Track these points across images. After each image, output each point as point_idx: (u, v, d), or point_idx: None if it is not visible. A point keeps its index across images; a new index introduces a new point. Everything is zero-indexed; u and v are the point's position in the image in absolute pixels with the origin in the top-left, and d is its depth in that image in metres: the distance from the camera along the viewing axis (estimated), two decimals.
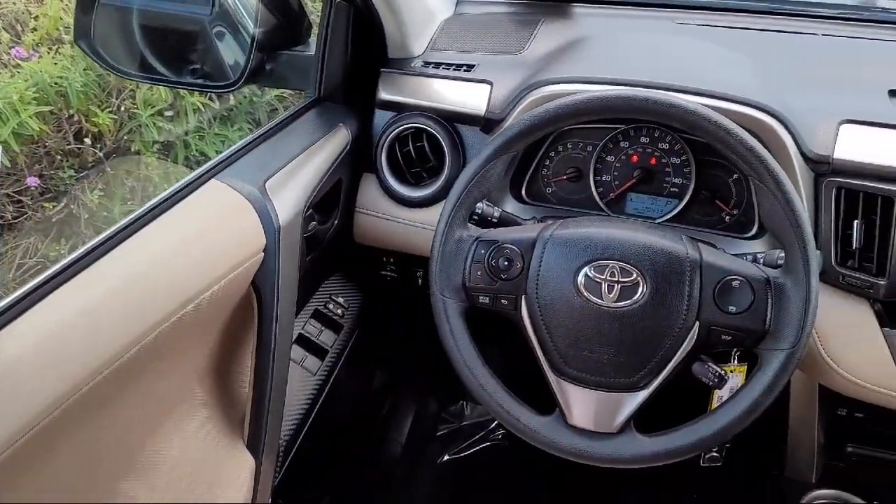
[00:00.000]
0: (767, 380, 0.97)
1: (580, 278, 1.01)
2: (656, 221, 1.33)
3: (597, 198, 1.36)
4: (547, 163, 1.38)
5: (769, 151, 1.13)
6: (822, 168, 1.14)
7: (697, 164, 1.31)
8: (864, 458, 1.51)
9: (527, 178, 1.38)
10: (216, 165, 1.09)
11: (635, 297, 0.99)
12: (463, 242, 1.07)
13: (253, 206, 1.04)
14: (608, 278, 1.00)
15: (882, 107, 1.21)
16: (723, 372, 1.08)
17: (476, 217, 1.17)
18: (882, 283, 1.11)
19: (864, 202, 1.12)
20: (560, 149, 1.37)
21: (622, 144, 1.34)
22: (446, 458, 1.95)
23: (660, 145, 1.33)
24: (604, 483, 1.75)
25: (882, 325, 1.14)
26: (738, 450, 1.38)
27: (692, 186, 1.31)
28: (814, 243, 0.96)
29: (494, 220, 1.18)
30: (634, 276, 0.99)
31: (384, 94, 1.37)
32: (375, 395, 1.82)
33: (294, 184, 1.16)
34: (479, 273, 1.06)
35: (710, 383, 1.07)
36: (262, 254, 1.04)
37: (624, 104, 1.00)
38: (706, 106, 1.01)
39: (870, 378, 1.15)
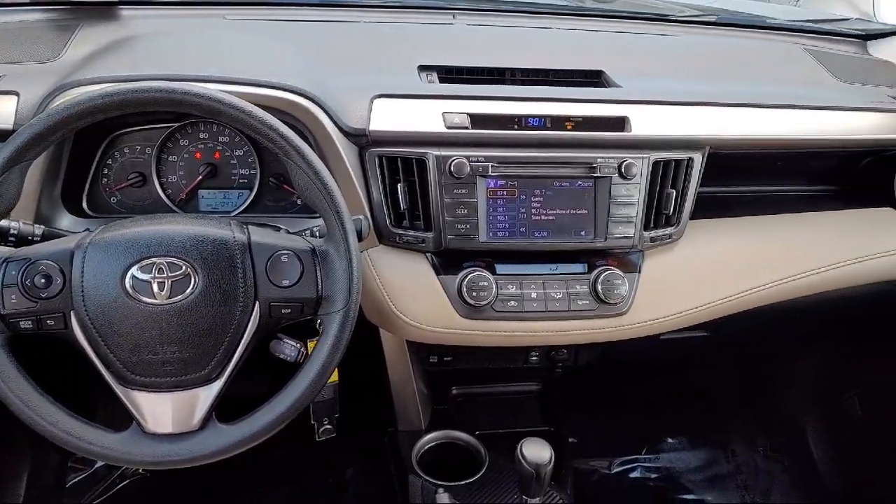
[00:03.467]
0: (330, 342, 1.02)
1: (128, 281, 0.96)
2: (232, 214, 1.33)
3: (166, 200, 1.32)
4: (106, 171, 1.31)
5: (309, 131, 1.20)
6: (362, 140, 1.23)
7: (260, 153, 1.34)
8: (467, 396, 1.69)
9: (85, 189, 1.30)
10: None
11: (188, 290, 0.97)
12: None
13: None
14: (157, 276, 0.96)
15: (412, 80, 1.34)
16: (299, 345, 1.12)
17: (13, 238, 1.06)
18: (430, 236, 1.24)
19: (404, 166, 1.23)
20: (117, 155, 1.31)
21: (182, 143, 1.32)
22: None
23: (220, 139, 1.33)
24: (244, 481, 1.75)
25: (437, 273, 1.27)
26: (350, 417, 1.44)
27: (259, 175, 1.34)
28: (346, 208, 1.02)
29: (37, 239, 1.08)
30: (184, 268, 0.97)
31: None
32: None
33: None
34: (13, 297, 0.95)
35: (289, 358, 1.10)
36: None
37: (137, 97, 0.96)
38: (232, 93, 1.03)
39: (435, 322, 1.27)
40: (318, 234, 1.15)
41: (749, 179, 1.56)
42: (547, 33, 1.63)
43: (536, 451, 1.20)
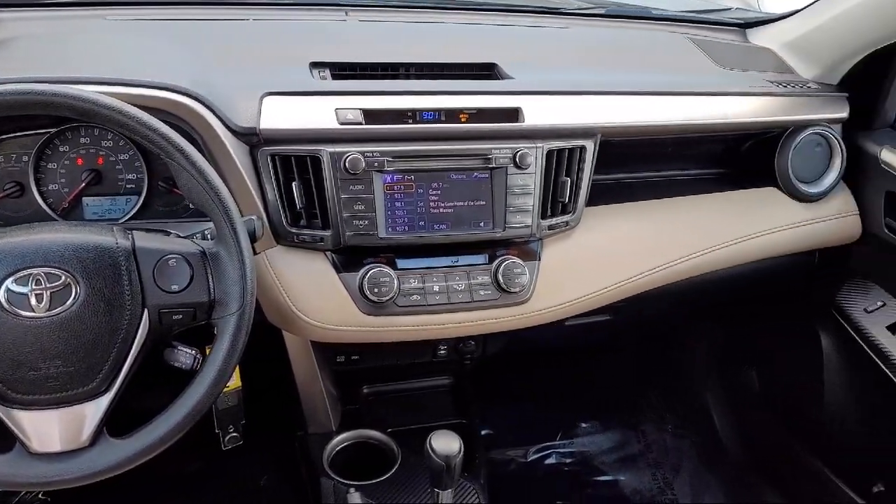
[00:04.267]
0: (226, 346, 0.99)
1: (2, 294, 0.91)
2: (120, 222, 1.28)
3: (47, 210, 1.26)
4: None
5: (196, 132, 1.16)
6: (253, 140, 1.20)
7: (147, 157, 1.29)
8: (378, 395, 1.68)
9: None
10: None
11: (69, 301, 0.93)
12: None
13: None
14: (34, 287, 0.92)
15: (303, 77, 1.32)
16: (195, 352, 1.08)
17: None
18: (329, 234, 1.23)
19: (298, 165, 1.21)
20: None
21: (62, 149, 1.26)
22: None
23: (103, 143, 1.28)
24: (151, 496, 1.69)
25: (338, 271, 1.25)
26: (258, 423, 1.41)
27: (147, 179, 1.29)
28: (234, 206, 0.99)
29: None
30: (64, 278, 0.93)
31: None
32: None
33: None
34: None
35: (185, 366, 1.06)
36: None
37: (3, 100, 0.91)
38: (110, 94, 0.98)
39: (338, 321, 1.25)
40: (209, 236, 1.11)
41: (642, 165, 1.61)
42: (440, 28, 1.64)
43: (445, 444, 1.20)
